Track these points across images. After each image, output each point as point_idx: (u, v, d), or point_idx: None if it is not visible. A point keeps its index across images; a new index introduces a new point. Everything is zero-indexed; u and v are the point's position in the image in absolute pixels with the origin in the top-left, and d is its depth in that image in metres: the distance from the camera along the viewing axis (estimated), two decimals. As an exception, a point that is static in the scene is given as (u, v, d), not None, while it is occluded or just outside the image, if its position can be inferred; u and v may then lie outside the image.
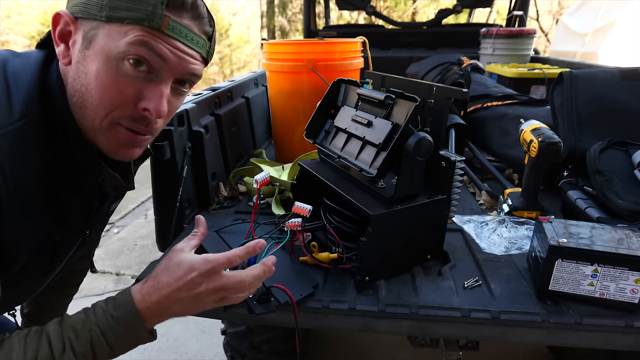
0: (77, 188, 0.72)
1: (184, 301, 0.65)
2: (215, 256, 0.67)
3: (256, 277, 0.69)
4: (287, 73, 1.48)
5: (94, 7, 0.61)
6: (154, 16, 0.62)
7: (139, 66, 0.64)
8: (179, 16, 0.64)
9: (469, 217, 1.15)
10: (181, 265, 0.66)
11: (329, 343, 2.05)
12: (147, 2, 0.61)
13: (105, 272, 2.79)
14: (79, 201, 0.75)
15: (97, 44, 0.62)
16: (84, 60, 0.64)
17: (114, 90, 0.64)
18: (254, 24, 12.91)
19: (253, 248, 0.70)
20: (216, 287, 0.66)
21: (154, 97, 0.66)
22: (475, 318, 0.79)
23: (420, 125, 0.85)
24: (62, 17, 0.64)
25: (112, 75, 0.63)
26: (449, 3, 4.00)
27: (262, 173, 0.84)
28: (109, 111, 0.65)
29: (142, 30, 0.62)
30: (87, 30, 0.63)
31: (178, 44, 0.65)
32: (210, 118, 1.32)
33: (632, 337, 0.78)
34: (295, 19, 10.90)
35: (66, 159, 0.68)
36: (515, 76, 2.13)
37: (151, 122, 0.69)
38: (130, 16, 0.61)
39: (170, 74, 0.67)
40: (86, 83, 0.64)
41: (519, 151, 1.35)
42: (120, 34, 0.62)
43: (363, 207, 0.84)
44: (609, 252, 0.76)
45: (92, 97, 0.64)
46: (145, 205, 3.83)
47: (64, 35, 0.65)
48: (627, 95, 1.29)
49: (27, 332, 0.61)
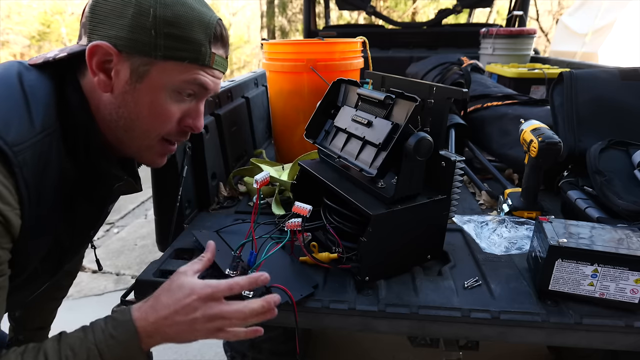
0: (90, 196, 0.76)
1: (179, 325, 0.65)
2: (217, 282, 0.67)
3: (254, 312, 0.68)
4: (287, 73, 1.48)
5: (146, 46, 0.65)
6: (206, 55, 0.70)
7: (188, 96, 0.73)
8: (217, 49, 0.73)
9: (469, 217, 1.15)
10: (182, 288, 0.66)
11: (329, 343, 2.05)
12: (198, 42, 0.68)
13: (105, 272, 2.79)
14: (90, 208, 0.78)
15: (151, 80, 0.68)
16: (134, 92, 0.68)
17: (165, 116, 0.72)
18: (254, 24, 12.91)
19: (256, 280, 0.70)
20: (212, 314, 0.65)
21: (195, 115, 0.76)
22: (475, 318, 0.79)
23: (420, 125, 0.85)
24: (101, 49, 0.65)
25: (164, 105, 0.71)
26: (449, 3, 4.00)
27: (262, 173, 0.84)
28: (160, 133, 0.74)
29: (196, 68, 0.70)
30: (136, 65, 0.66)
31: (217, 73, 0.75)
32: (210, 118, 1.32)
33: (632, 337, 0.78)
34: (295, 19, 10.90)
35: (84, 170, 0.70)
36: (515, 76, 2.13)
37: (188, 134, 0.79)
38: (185, 56, 0.68)
39: (206, 95, 0.77)
40: (137, 111, 0.70)
41: (519, 151, 1.35)
42: (176, 71, 0.69)
43: (363, 207, 0.84)
44: (609, 252, 0.76)
45: (143, 123, 0.71)
46: (145, 205, 3.83)
47: (103, 65, 0.66)
48: (627, 95, 1.29)
49: (24, 348, 0.61)
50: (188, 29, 0.67)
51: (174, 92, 0.71)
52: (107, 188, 0.78)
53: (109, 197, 0.83)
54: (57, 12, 9.49)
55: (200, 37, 0.68)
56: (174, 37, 0.66)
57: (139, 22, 0.64)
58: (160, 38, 0.65)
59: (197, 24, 0.68)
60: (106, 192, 0.80)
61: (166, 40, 0.66)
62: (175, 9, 0.66)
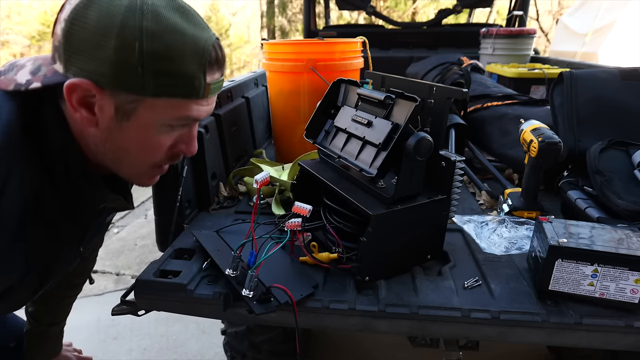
0: (73, 218, 0.73)
1: None
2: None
3: None
4: (287, 73, 1.48)
5: (132, 84, 0.59)
6: (200, 89, 0.64)
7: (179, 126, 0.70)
8: (212, 75, 0.67)
9: (469, 217, 1.15)
10: None
11: (329, 343, 2.05)
12: (191, 76, 0.62)
13: (105, 272, 2.79)
14: (75, 228, 0.76)
15: (139, 118, 0.63)
16: (121, 129, 0.64)
17: (156, 149, 0.69)
18: (254, 24, 12.92)
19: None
20: None
21: (188, 141, 0.73)
22: (475, 318, 0.79)
23: (420, 125, 0.85)
24: (80, 87, 0.59)
25: (154, 138, 0.67)
26: (449, 3, 4.00)
27: (262, 173, 0.84)
28: (150, 162, 0.72)
29: (189, 103, 0.65)
30: (122, 102, 0.61)
31: (212, 98, 0.71)
32: (210, 118, 1.32)
33: (632, 337, 0.78)
34: (295, 19, 10.90)
35: (64, 191, 0.68)
36: (515, 76, 2.13)
37: (181, 157, 0.76)
38: (177, 92, 0.63)
39: (199, 119, 0.72)
40: (124, 146, 0.67)
41: (519, 151, 1.35)
42: (167, 107, 0.64)
43: (363, 207, 0.84)
44: (609, 252, 0.76)
45: (132, 155, 0.68)
46: (145, 205, 3.83)
47: (84, 100, 0.61)
48: (627, 95, 1.29)
49: None
50: (180, 62, 0.60)
51: (164, 127, 0.67)
52: (91, 209, 0.75)
53: (96, 217, 0.80)
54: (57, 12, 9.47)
55: (193, 70, 0.62)
56: (164, 73, 0.60)
57: (123, 58, 0.57)
58: (148, 76, 0.59)
59: (190, 55, 0.61)
60: (91, 213, 0.77)
61: (155, 77, 0.59)
62: (165, 40, 0.58)
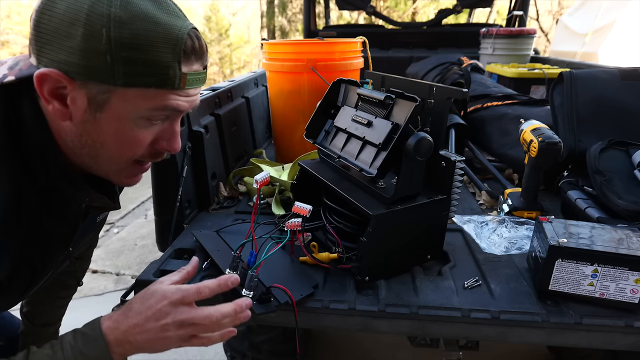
0: (59, 217, 0.72)
1: (149, 332, 0.63)
2: (187, 286, 0.67)
3: (225, 315, 0.66)
4: (287, 73, 1.48)
5: (102, 72, 0.57)
6: (175, 79, 0.61)
7: (160, 119, 0.67)
8: (190, 65, 0.64)
9: (469, 217, 1.15)
10: (155, 294, 0.65)
11: (329, 343, 2.05)
12: (164, 65, 0.60)
13: (105, 272, 2.79)
14: (60, 227, 0.74)
15: (113, 109, 0.61)
16: (95, 122, 0.62)
17: (133, 143, 0.66)
18: (254, 24, 12.91)
19: (225, 281, 0.69)
20: (183, 319, 0.64)
21: (170, 137, 0.70)
22: (475, 318, 0.79)
23: (420, 125, 0.85)
24: (50, 77, 0.57)
25: (131, 132, 0.64)
26: (449, 3, 4.00)
27: (262, 173, 0.84)
28: (129, 158, 0.68)
29: (165, 93, 0.62)
30: (94, 93, 0.59)
31: (191, 91, 0.67)
32: (210, 118, 1.32)
33: (632, 337, 0.78)
34: (295, 19, 10.90)
35: (45, 189, 0.67)
36: (515, 76, 2.13)
37: (164, 155, 0.73)
38: (150, 82, 0.60)
39: (181, 115, 0.70)
40: (100, 140, 0.64)
41: (519, 151, 1.35)
42: (141, 98, 0.61)
43: (363, 207, 0.84)
44: (609, 252, 0.76)
45: (109, 150, 0.65)
46: (145, 205, 3.83)
47: (56, 92, 0.59)
48: (627, 95, 1.29)
49: None
50: (151, 50, 0.58)
51: (141, 119, 0.64)
52: (74, 208, 0.74)
53: (83, 216, 0.78)
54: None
55: (166, 59, 0.59)
56: (134, 61, 0.57)
57: (91, 46, 0.55)
58: (117, 64, 0.56)
59: (162, 43, 0.58)
60: (76, 212, 0.76)
61: (125, 66, 0.57)
62: (134, 27, 0.56)
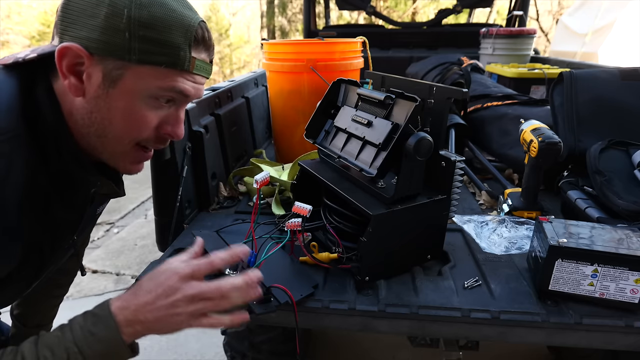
0: (67, 202, 0.73)
1: (160, 310, 0.62)
2: (197, 260, 0.66)
3: (235, 286, 0.65)
4: (287, 73, 1.48)
5: (119, 48, 0.62)
6: (185, 60, 0.66)
7: (167, 102, 0.70)
8: (198, 53, 0.69)
9: (469, 217, 1.15)
10: (165, 271, 0.65)
11: (329, 343, 2.05)
12: (176, 47, 0.65)
13: (105, 272, 2.79)
14: (69, 214, 0.75)
15: (125, 84, 0.65)
16: (107, 97, 0.65)
17: (141, 122, 0.69)
18: (254, 24, 12.92)
19: (236, 253, 0.68)
20: (193, 294, 0.63)
21: (175, 122, 0.73)
22: (475, 318, 0.79)
23: (420, 125, 0.85)
24: (71, 51, 0.61)
25: (140, 111, 0.68)
26: (449, 3, 4.00)
27: (262, 173, 0.84)
28: (134, 139, 0.71)
29: (174, 74, 0.66)
30: (109, 68, 0.63)
31: (198, 78, 0.71)
32: (210, 118, 1.32)
33: (632, 337, 0.78)
34: (295, 19, 10.91)
35: (57, 175, 0.68)
36: (515, 76, 2.13)
37: (168, 141, 0.76)
38: (162, 60, 0.64)
39: (186, 101, 0.74)
40: (109, 117, 0.67)
41: (519, 151, 1.35)
42: (152, 76, 0.65)
43: (363, 207, 0.84)
44: (609, 252, 0.76)
45: (117, 129, 0.68)
46: (145, 205, 3.83)
47: (74, 68, 0.63)
48: (627, 95, 1.29)
49: (1, 352, 0.59)
50: (165, 31, 0.63)
51: (150, 98, 0.67)
52: (83, 193, 0.75)
53: (90, 202, 0.80)
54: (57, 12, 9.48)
55: (178, 41, 0.65)
56: (150, 40, 0.62)
57: (112, 24, 0.61)
58: (134, 41, 0.61)
59: (175, 27, 0.64)
60: (84, 198, 0.77)
61: (141, 43, 0.62)
62: (152, 10, 0.62)
